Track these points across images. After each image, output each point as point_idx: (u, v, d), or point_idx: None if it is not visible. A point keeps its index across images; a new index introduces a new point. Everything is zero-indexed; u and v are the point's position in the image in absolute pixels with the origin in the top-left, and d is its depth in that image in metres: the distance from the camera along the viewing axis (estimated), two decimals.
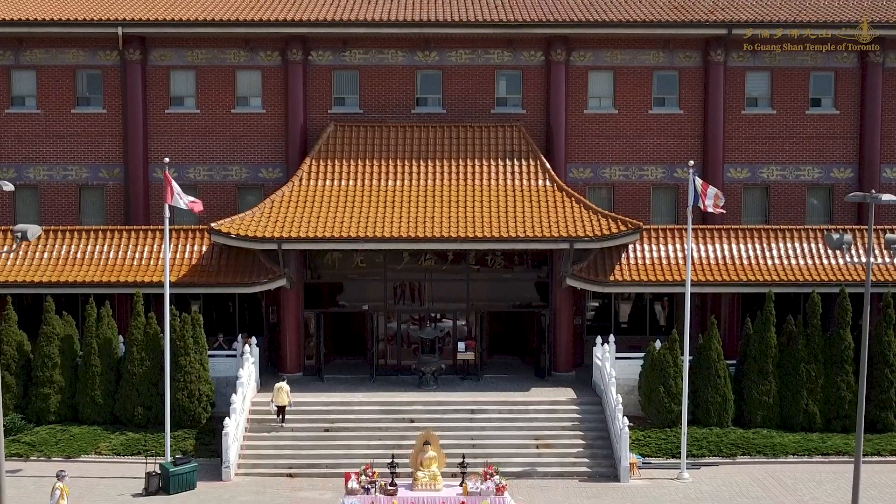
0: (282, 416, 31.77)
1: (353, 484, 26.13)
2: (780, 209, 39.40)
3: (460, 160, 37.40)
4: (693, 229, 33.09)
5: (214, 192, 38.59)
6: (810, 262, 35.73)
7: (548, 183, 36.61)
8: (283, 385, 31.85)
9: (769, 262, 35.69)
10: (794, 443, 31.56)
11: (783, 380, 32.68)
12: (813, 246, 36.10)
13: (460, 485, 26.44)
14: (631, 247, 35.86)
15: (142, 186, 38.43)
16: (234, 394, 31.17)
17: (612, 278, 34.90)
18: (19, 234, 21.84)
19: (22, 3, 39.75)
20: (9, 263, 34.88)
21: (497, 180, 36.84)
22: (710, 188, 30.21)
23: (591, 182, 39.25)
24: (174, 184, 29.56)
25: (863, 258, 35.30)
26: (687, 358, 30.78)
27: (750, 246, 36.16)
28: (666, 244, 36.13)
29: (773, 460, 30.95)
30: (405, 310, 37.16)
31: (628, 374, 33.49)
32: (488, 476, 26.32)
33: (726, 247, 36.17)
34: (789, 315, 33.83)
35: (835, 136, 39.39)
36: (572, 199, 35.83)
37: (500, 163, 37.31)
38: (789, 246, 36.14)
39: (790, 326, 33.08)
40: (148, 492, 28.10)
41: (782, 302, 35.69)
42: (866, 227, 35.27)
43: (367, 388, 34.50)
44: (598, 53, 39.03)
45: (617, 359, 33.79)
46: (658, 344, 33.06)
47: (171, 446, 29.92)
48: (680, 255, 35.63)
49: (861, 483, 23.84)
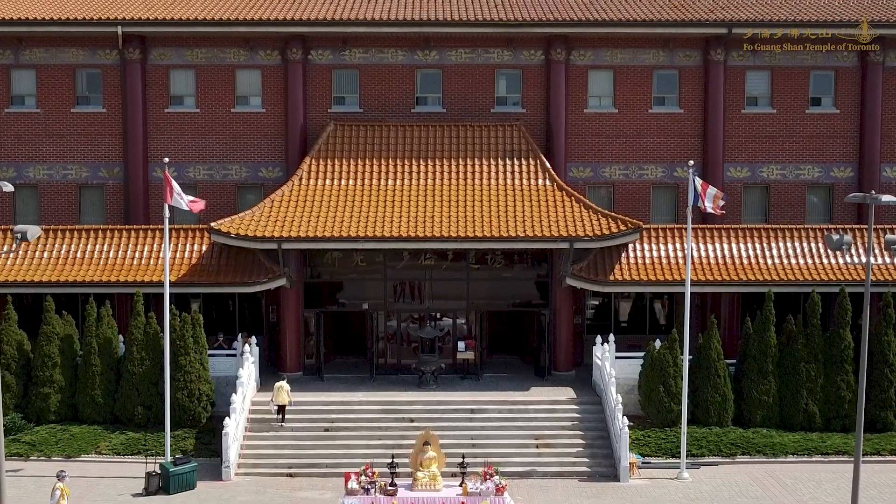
0: (282, 416, 31.77)
1: (353, 484, 26.12)
2: (780, 208, 39.40)
3: (460, 159, 37.39)
4: (693, 229, 33.08)
5: (214, 192, 38.57)
6: (810, 261, 35.73)
7: (548, 182, 36.61)
8: (284, 384, 31.87)
9: (769, 261, 35.69)
10: (794, 442, 31.57)
11: (783, 379, 32.67)
12: (813, 245, 36.09)
13: (460, 485, 26.42)
14: (631, 246, 35.86)
15: (142, 186, 38.44)
16: (234, 393, 31.18)
17: (611, 278, 34.90)
18: (19, 235, 21.84)
19: (22, 3, 39.73)
20: (9, 263, 34.87)
21: (497, 179, 36.84)
22: (710, 188, 30.20)
23: (591, 181, 39.24)
24: (174, 183, 29.53)
25: (863, 258, 35.32)
26: (687, 357, 30.77)
27: (750, 245, 36.15)
28: (666, 244, 36.13)
29: (773, 460, 30.96)
30: (405, 309, 37.17)
31: (628, 373, 33.49)
32: (488, 476, 26.29)
33: (726, 246, 36.16)
34: (789, 315, 33.82)
35: (835, 135, 39.39)
36: (572, 198, 35.83)
37: (500, 162, 37.31)
38: (789, 245, 36.13)
39: (790, 326, 33.08)
40: (148, 492, 28.10)
41: (782, 301, 35.64)
42: (866, 227, 35.28)
43: (366, 387, 34.52)
44: (598, 52, 39.02)
45: (617, 358, 33.80)
46: (658, 343, 33.06)
47: (171, 446, 29.93)
48: (680, 254, 35.62)
49: (861, 483, 23.81)
